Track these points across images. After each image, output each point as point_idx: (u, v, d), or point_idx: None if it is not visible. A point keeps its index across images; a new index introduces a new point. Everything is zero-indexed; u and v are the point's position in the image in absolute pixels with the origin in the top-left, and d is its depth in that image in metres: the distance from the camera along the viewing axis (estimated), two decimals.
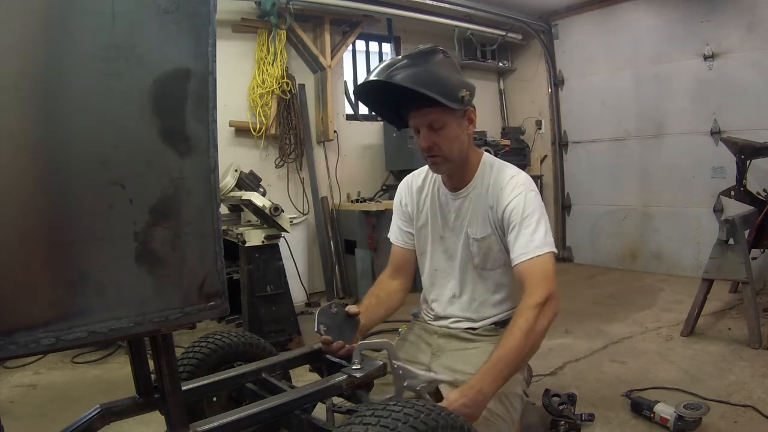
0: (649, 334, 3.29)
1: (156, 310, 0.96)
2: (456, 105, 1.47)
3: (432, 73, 1.46)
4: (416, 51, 1.50)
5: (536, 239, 1.50)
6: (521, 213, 1.53)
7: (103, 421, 1.23)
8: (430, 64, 1.47)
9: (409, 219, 1.81)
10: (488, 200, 1.61)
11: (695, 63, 4.63)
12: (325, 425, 1.30)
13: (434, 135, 1.53)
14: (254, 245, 3.23)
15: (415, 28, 5.36)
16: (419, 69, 1.44)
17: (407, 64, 1.44)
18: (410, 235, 1.82)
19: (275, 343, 3.03)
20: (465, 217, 1.66)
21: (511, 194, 1.56)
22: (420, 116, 1.53)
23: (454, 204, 1.69)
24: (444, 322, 1.75)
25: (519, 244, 1.51)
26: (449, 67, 1.53)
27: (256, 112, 4.41)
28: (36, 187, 0.85)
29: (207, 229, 1.02)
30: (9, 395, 2.68)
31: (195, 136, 0.98)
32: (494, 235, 1.61)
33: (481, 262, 1.66)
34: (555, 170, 5.92)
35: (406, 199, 1.81)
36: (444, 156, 1.56)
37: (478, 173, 1.65)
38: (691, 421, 1.99)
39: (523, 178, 1.61)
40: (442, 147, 1.54)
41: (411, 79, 1.41)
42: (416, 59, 1.46)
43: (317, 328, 1.40)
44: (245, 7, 4.34)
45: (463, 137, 1.58)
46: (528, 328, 1.39)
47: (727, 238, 3.11)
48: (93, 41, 0.87)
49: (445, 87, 1.46)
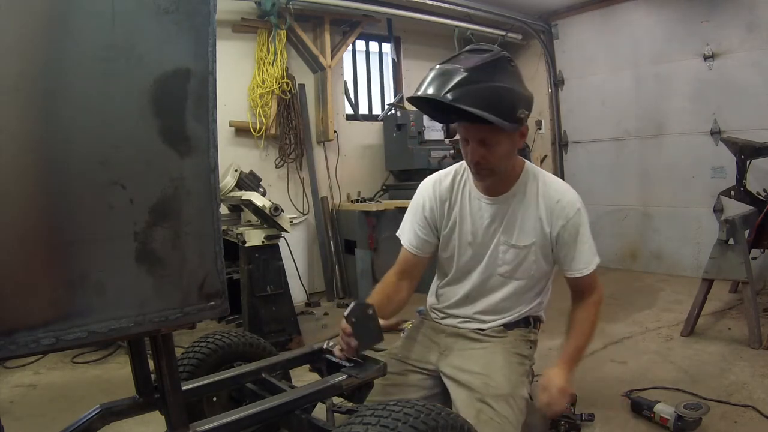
0: (649, 334, 3.29)
1: (156, 310, 0.96)
2: (513, 127, 1.42)
3: (493, 92, 1.36)
4: (479, 62, 1.38)
5: (592, 252, 1.65)
6: (579, 230, 1.60)
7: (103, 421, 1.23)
8: (492, 80, 1.37)
9: (432, 226, 1.72)
10: (538, 211, 1.60)
11: (695, 63, 4.63)
12: (325, 425, 1.30)
13: (485, 150, 1.49)
14: (254, 245, 3.23)
15: (415, 28, 5.36)
16: (480, 87, 1.35)
17: (467, 80, 1.34)
18: (427, 243, 1.73)
19: (275, 343, 3.03)
20: (501, 223, 1.63)
21: (571, 211, 1.60)
22: (473, 130, 1.48)
23: (489, 209, 1.64)
24: (452, 321, 1.75)
25: (582, 259, 1.63)
26: (511, 79, 1.43)
27: (256, 112, 4.41)
28: (36, 187, 0.85)
29: (207, 229, 1.02)
30: (9, 395, 2.68)
31: (195, 136, 0.98)
32: (535, 245, 1.61)
33: (510, 271, 1.65)
34: (555, 170, 5.91)
35: (432, 204, 1.71)
36: (492, 169, 1.53)
37: (521, 181, 1.63)
38: (691, 421, 1.99)
39: (575, 193, 1.65)
40: (491, 162, 1.51)
41: (471, 100, 1.33)
42: (478, 73, 1.36)
43: (347, 318, 1.36)
44: (245, 7, 4.34)
45: (513, 152, 1.56)
46: (595, 321, 1.69)
47: (727, 238, 3.11)
48: (93, 41, 0.87)
49: (505, 107, 1.38)
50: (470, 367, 1.57)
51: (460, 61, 1.40)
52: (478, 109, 1.33)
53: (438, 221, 1.72)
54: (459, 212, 1.68)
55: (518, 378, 1.61)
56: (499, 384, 1.55)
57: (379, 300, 1.63)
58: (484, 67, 1.37)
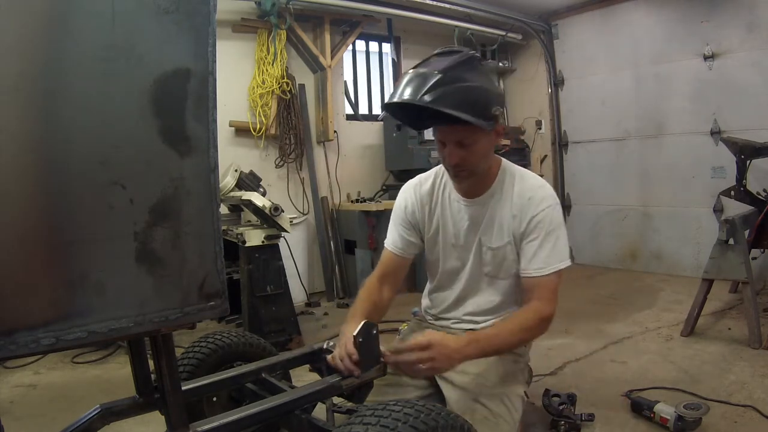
0: (649, 334, 3.29)
1: (156, 310, 0.96)
2: (489, 125, 1.41)
3: (466, 92, 1.36)
4: (451, 63, 1.38)
5: (556, 255, 1.53)
6: (547, 227, 1.53)
7: (103, 421, 1.23)
8: (465, 80, 1.36)
9: (414, 227, 1.74)
10: (512, 209, 1.58)
11: (695, 63, 4.63)
12: (325, 425, 1.30)
13: (462, 151, 1.47)
14: (254, 245, 3.23)
15: (415, 28, 5.36)
16: (454, 87, 1.34)
17: (440, 82, 1.34)
18: (411, 244, 1.74)
19: (275, 343, 3.03)
20: (480, 225, 1.63)
21: (539, 206, 1.54)
22: (450, 132, 1.47)
23: (468, 210, 1.64)
24: (445, 322, 1.76)
25: (540, 257, 1.52)
26: (483, 77, 1.43)
27: (256, 112, 4.41)
28: (36, 187, 0.85)
29: (207, 229, 1.02)
30: (9, 395, 2.68)
31: (195, 136, 0.98)
32: (510, 244, 1.59)
33: (493, 271, 1.64)
34: (555, 170, 5.92)
35: (414, 207, 1.73)
36: (471, 170, 1.53)
37: (498, 181, 1.61)
38: (691, 421, 1.99)
39: (550, 190, 1.60)
40: (469, 163, 1.50)
41: (444, 102, 1.33)
42: (449, 74, 1.35)
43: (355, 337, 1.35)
44: (245, 7, 4.34)
45: (491, 151, 1.54)
46: (528, 329, 1.44)
47: (727, 238, 3.11)
48: (93, 41, 0.87)
49: (480, 106, 1.38)
50: (464, 367, 1.56)
51: (431, 64, 1.39)
52: (454, 109, 1.33)
53: (420, 224, 1.73)
54: (441, 215, 1.69)
55: (512, 376, 1.62)
56: (493, 383, 1.56)
57: (367, 308, 1.63)
58: (456, 67, 1.37)
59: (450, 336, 1.40)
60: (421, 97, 1.33)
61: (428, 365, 1.29)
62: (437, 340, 1.31)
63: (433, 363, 1.28)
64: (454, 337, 1.39)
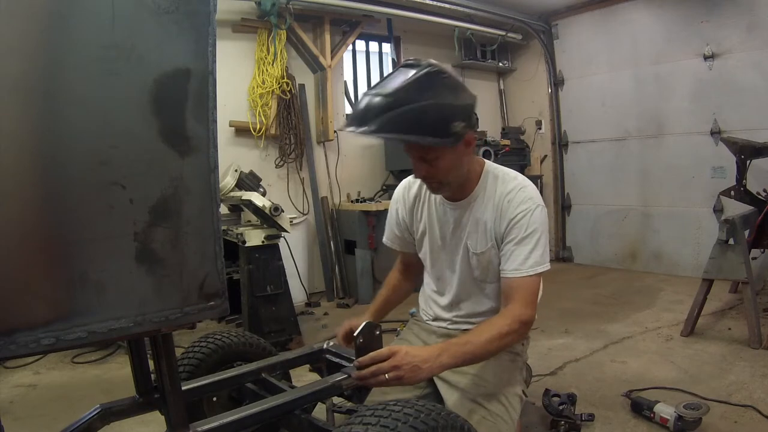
0: (649, 334, 3.29)
1: (156, 310, 0.96)
2: (448, 142, 1.36)
3: (419, 112, 1.29)
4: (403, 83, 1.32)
5: (533, 257, 1.47)
6: (525, 229, 1.49)
7: (103, 421, 1.23)
8: (420, 99, 1.30)
9: (405, 228, 1.78)
10: (494, 212, 1.55)
11: (695, 63, 4.63)
12: (325, 425, 1.30)
13: (427, 165, 1.45)
14: (254, 245, 3.23)
15: (415, 28, 5.36)
16: (403, 110, 1.28)
17: (389, 106, 1.28)
18: (404, 241, 1.80)
19: (275, 343, 3.03)
20: (465, 228, 1.61)
21: (519, 207, 1.51)
22: (410, 148, 1.44)
23: (453, 214, 1.63)
24: (442, 323, 1.76)
25: (516, 259, 1.48)
26: (443, 93, 1.35)
27: (256, 112, 4.41)
28: (36, 187, 0.85)
29: (207, 229, 1.01)
30: (9, 395, 2.68)
31: (195, 136, 0.98)
32: (494, 248, 1.57)
33: (482, 275, 1.63)
34: (555, 170, 5.92)
35: (402, 210, 1.76)
36: (439, 182, 1.51)
37: (480, 184, 1.59)
38: (691, 421, 1.99)
39: (531, 190, 1.55)
40: (436, 176, 1.48)
41: (393, 126, 1.28)
42: (399, 96, 1.29)
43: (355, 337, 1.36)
44: (245, 7, 4.34)
45: (461, 162, 1.49)
46: (506, 334, 1.38)
47: (727, 238, 3.11)
48: (93, 41, 0.87)
49: (435, 124, 1.32)
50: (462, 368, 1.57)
51: (385, 85, 1.35)
52: (401, 133, 1.30)
53: (410, 225, 1.76)
54: (427, 218, 1.70)
55: (510, 375, 1.61)
56: (490, 383, 1.56)
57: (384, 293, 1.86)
58: (408, 87, 1.31)
59: (418, 347, 1.38)
60: (364, 127, 1.30)
61: (392, 375, 1.25)
62: (401, 350, 1.29)
63: (397, 372, 1.25)
64: (423, 348, 1.37)
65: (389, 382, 1.27)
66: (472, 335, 1.39)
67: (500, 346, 1.39)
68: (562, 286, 4.74)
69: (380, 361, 1.28)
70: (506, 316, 1.43)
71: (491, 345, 1.36)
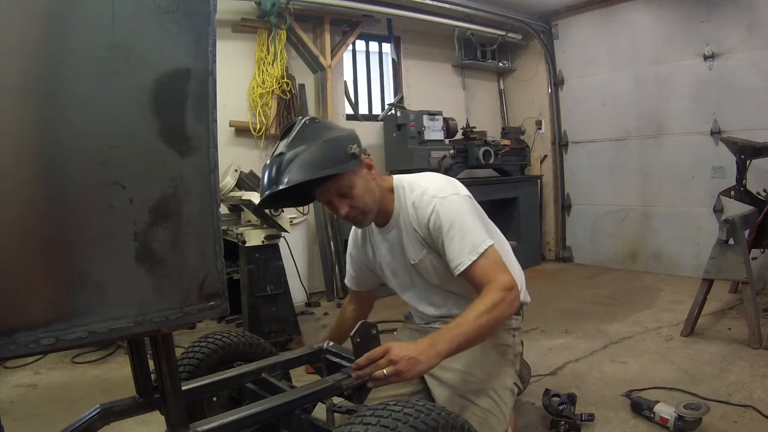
0: (649, 334, 3.29)
1: (156, 310, 0.96)
2: (352, 164, 1.47)
3: (313, 154, 1.42)
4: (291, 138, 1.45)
5: (466, 244, 1.47)
6: (442, 226, 1.51)
7: (103, 421, 1.23)
8: (310, 144, 1.43)
9: (361, 268, 1.87)
10: (412, 222, 1.60)
11: (695, 63, 4.63)
12: (325, 425, 1.30)
13: (346, 200, 1.52)
14: (254, 245, 3.23)
15: (415, 28, 5.37)
16: (301, 158, 1.40)
17: (290, 159, 1.41)
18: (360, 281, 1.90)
19: (275, 343, 3.03)
20: (403, 246, 1.66)
21: (426, 211, 1.55)
22: (326, 190, 1.52)
23: (388, 237, 1.69)
24: (434, 324, 1.77)
25: (453, 256, 1.49)
26: (322, 133, 1.47)
27: (256, 112, 4.41)
28: (36, 187, 0.85)
29: (207, 229, 1.01)
30: (9, 395, 2.68)
31: (195, 136, 0.98)
32: (431, 253, 1.60)
33: (438, 280, 1.65)
34: (555, 170, 5.92)
35: (356, 253, 1.87)
36: (363, 211, 1.56)
37: (396, 201, 1.64)
38: (691, 421, 1.99)
39: (433, 188, 1.58)
40: (359, 206, 1.54)
41: (302, 173, 1.39)
42: (292, 149, 1.42)
43: (352, 337, 1.38)
44: (245, 7, 4.33)
45: (371, 185, 1.57)
46: (492, 305, 1.37)
47: (727, 238, 3.11)
48: (93, 41, 0.87)
49: (334, 154, 1.44)
50: (450, 364, 1.56)
51: (278, 150, 1.46)
52: (311, 174, 1.40)
53: (365, 262, 1.85)
54: (376, 251, 1.78)
55: (499, 368, 1.62)
56: (479, 378, 1.57)
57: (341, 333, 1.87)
58: (295, 141, 1.44)
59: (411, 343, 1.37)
60: (280, 185, 1.40)
61: (391, 370, 1.26)
62: (394, 346, 1.30)
63: (395, 367, 1.26)
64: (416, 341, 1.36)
65: (389, 379, 1.27)
66: (460, 318, 1.38)
67: (492, 319, 1.36)
68: (562, 286, 4.74)
69: (376, 359, 1.29)
70: (485, 292, 1.41)
71: (481, 320, 1.34)
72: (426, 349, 1.29)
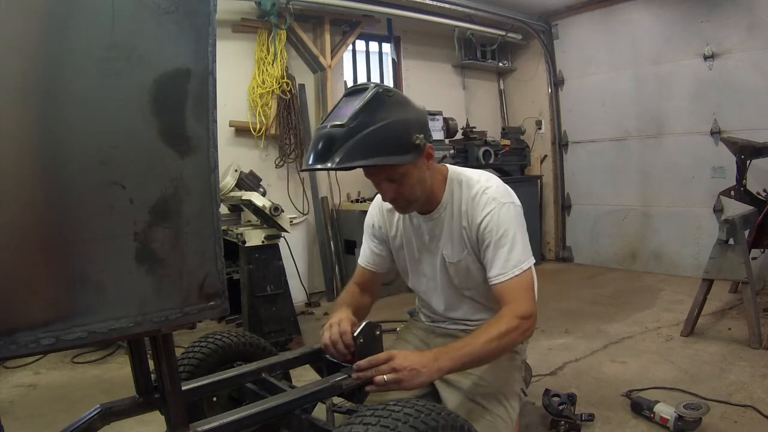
0: (649, 334, 3.29)
1: (156, 310, 0.96)
2: (411, 157, 1.37)
3: (378, 134, 1.30)
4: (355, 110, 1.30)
5: (513, 258, 1.45)
6: (495, 231, 1.47)
7: (103, 421, 1.23)
8: (374, 122, 1.29)
9: (383, 242, 1.75)
10: (462, 220, 1.55)
11: (695, 63, 4.63)
12: (325, 425, 1.30)
13: (395, 185, 1.45)
14: (254, 245, 3.23)
15: (415, 28, 5.37)
16: (362, 136, 1.28)
17: (348, 134, 1.27)
18: (381, 258, 1.76)
19: (275, 343, 3.03)
20: (439, 239, 1.61)
21: (483, 211, 1.49)
22: (375, 174, 1.44)
23: (426, 226, 1.63)
24: (441, 324, 1.76)
25: (497, 265, 1.46)
26: (395, 110, 1.34)
27: (256, 112, 4.41)
28: (36, 187, 0.85)
29: (207, 229, 1.01)
30: (9, 395, 2.68)
31: (195, 136, 0.98)
32: (470, 255, 1.56)
33: (462, 283, 1.63)
34: (555, 170, 5.92)
35: (380, 222, 1.74)
36: (408, 200, 1.50)
37: (447, 192, 1.58)
38: (691, 421, 1.99)
39: (494, 190, 1.52)
40: (405, 195, 1.47)
41: (356, 154, 1.28)
42: (354, 125, 1.28)
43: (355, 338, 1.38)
44: (245, 7, 4.34)
45: (425, 176, 1.49)
46: (505, 332, 1.35)
47: (727, 238, 3.11)
48: (93, 41, 0.87)
49: (397, 142, 1.33)
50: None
51: (338, 115, 1.33)
52: (366, 159, 1.30)
53: (387, 237, 1.74)
54: (403, 231, 1.69)
55: (508, 374, 1.61)
56: (489, 382, 1.56)
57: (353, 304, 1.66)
58: (360, 113, 1.30)
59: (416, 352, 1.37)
60: (328, 162, 1.29)
61: (391, 377, 1.25)
62: (399, 354, 1.28)
63: (396, 375, 1.25)
64: (421, 352, 1.35)
65: (389, 386, 1.27)
66: (471, 337, 1.37)
67: (501, 346, 1.36)
68: (562, 286, 4.74)
69: (379, 364, 1.28)
70: (503, 315, 1.41)
71: (490, 345, 1.34)
72: (429, 362, 1.28)
